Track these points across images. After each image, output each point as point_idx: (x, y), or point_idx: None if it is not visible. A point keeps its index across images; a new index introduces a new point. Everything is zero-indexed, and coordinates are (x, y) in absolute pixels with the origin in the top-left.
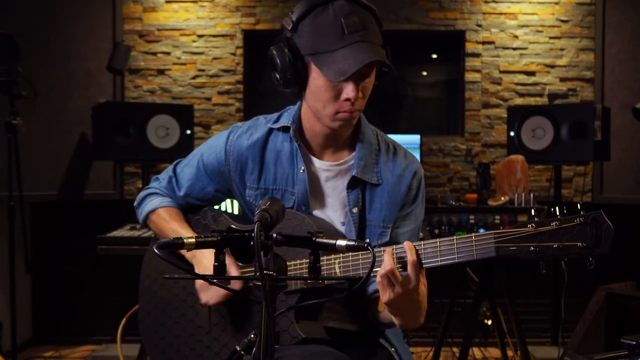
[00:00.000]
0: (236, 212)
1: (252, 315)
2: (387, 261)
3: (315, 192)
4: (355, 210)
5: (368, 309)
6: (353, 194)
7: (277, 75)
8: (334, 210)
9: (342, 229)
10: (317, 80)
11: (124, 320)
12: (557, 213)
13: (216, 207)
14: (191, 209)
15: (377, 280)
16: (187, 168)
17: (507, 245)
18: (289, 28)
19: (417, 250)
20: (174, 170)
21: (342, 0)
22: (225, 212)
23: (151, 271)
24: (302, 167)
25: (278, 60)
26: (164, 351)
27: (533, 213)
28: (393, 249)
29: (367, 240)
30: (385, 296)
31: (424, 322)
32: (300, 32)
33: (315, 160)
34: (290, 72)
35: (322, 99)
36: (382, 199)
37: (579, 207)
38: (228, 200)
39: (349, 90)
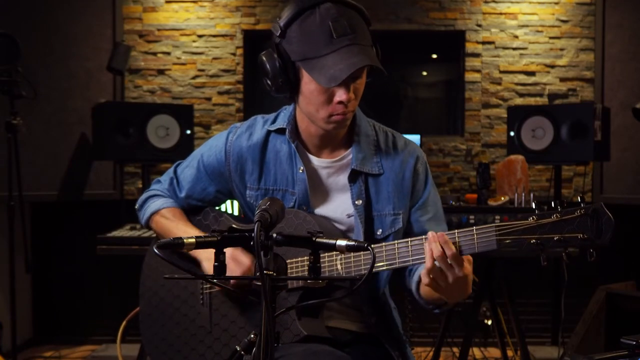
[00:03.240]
0: (236, 212)
1: (254, 314)
2: (438, 248)
3: (317, 190)
4: (359, 202)
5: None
6: (355, 187)
7: (269, 82)
8: (338, 205)
9: (348, 222)
10: (308, 85)
11: (124, 323)
12: (558, 206)
13: (217, 207)
14: (192, 210)
15: (436, 266)
16: (188, 169)
17: (509, 238)
18: (277, 34)
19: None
20: (175, 171)
21: (329, 2)
22: (226, 212)
23: (152, 272)
24: (301, 168)
25: (268, 67)
26: (165, 352)
27: (534, 206)
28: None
29: (374, 238)
30: (440, 284)
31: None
32: (289, 37)
33: (313, 158)
34: (281, 78)
35: (314, 103)
36: (388, 187)
37: (579, 199)
38: (228, 201)
39: (341, 93)
